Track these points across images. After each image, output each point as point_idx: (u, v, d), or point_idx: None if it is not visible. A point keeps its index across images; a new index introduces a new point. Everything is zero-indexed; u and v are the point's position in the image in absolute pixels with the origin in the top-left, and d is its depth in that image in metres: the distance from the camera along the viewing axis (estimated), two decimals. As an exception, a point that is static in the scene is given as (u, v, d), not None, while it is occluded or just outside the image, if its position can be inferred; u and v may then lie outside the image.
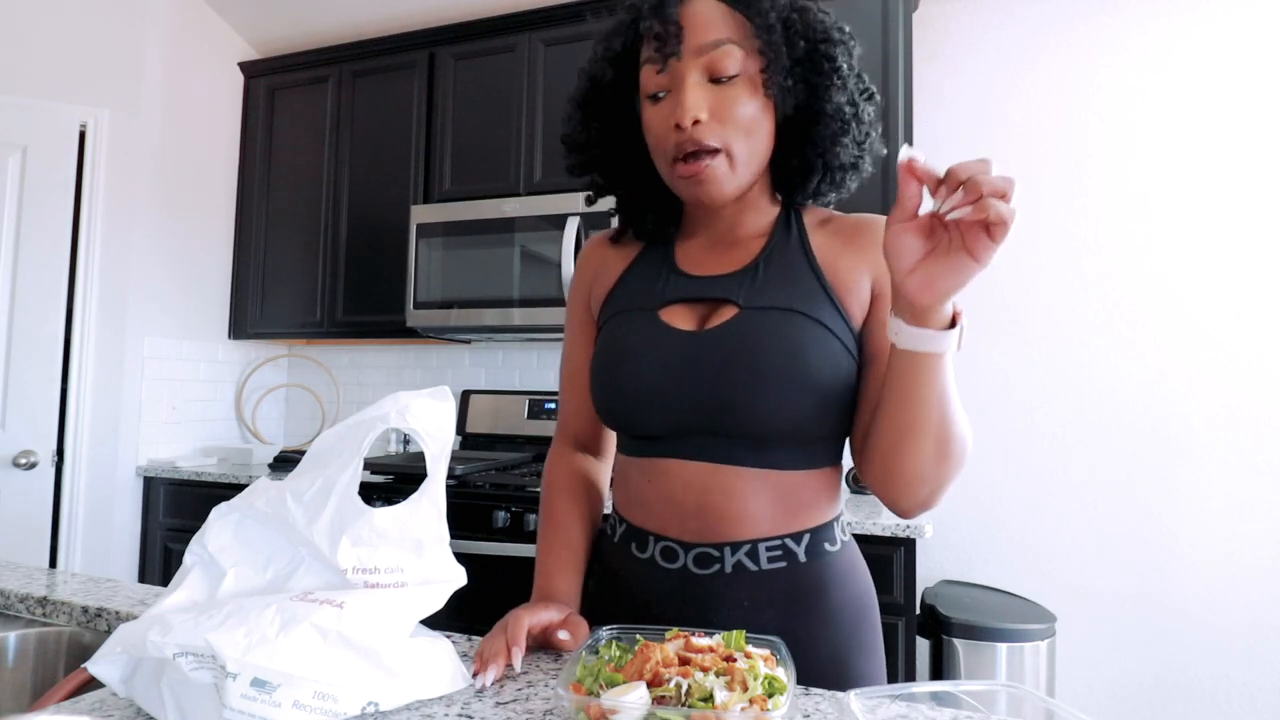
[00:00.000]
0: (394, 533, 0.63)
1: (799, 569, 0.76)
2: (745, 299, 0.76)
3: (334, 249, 2.70)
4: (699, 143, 0.73)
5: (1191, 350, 2.10)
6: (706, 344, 0.76)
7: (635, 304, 0.83)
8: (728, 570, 0.76)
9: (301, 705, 0.53)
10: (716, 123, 0.73)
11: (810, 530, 0.77)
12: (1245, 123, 2.09)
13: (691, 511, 0.77)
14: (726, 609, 0.75)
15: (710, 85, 0.73)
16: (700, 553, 0.76)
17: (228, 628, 0.53)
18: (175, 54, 2.64)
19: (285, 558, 0.64)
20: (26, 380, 2.26)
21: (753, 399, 0.73)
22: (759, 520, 0.76)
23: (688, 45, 0.73)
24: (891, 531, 1.70)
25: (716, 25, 0.73)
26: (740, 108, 0.73)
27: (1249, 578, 2.01)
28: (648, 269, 0.85)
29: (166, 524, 2.50)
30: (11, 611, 0.98)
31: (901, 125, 2.05)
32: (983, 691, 0.62)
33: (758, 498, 0.75)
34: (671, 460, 0.78)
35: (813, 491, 0.78)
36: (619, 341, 0.81)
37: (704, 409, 0.75)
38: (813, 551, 0.77)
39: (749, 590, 0.75)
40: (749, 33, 0.73)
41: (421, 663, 0.61)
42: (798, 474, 0.76)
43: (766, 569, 0.76)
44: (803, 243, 0.80)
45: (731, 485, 0.75)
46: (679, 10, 0.74)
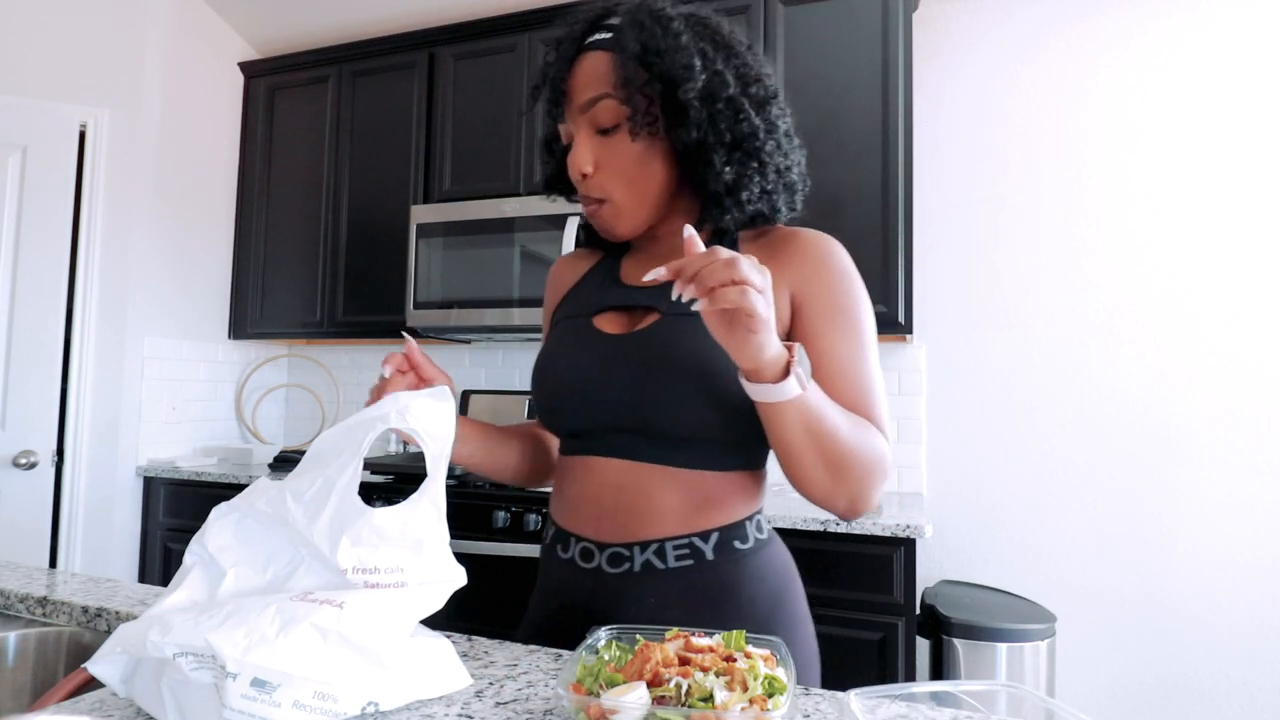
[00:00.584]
0: (394, 533, 0.63)
1: (706, 567, 0.79)
2: (668, 307, 0.80)
3: (334, 249, 2.70)
4: (589, 196, 0.81)
5: (1191, 350, 2.10)
6: (627, 346, 0.80)
7: (576, 311, 0.89)
8: (636, 569, 0.79)
9: (301, 705, 0.53)
10: (601, 174, 0.80)
11: (719, 529, 0.80)
12: (1245, 122, 2.09)
13: (609, 509, 0.80)
14: (634, 607, 0.79)
15: (598, 136, 0.79)
16: (613, 552, 0.80)
17: (228, 628, 0.53)
18: (175, 54, 2.64)
19: (285, 558, 0.64)
20: (26, 380, 2.26)
21: (664, 399, 0.77)
22: (668, 518, 0.79)
23: (572, 105, 0.79)
24: (891, 531, 1.70)
25: (597, 80, 0.78)
26: (619, 156, 0.79)
27: (1249, 577, 2.01)
28: (594, 281, 0.91)
29: (166, 524, 2.50)
30: (11, 611, 0.98)
31: (901, 126, 2.05)
32: (983, 691, 0.62)
33: (669, 495, 0.79)
34: (594, 457, 0.82)
35: (724, 492, 0.80)
36: (554, 345, 0.88)
37: (622, 407, 0.79)
38: (721, 550, 0.80)
39: (656, 588, 0.79)
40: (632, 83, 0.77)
41: (421, 662, 0.61)
42: (710, 474, 0.80)
43: (673, 567, 0.79)
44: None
45: (645, 482, 0.79)
46: (568, 72, 0.80)
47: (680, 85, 0.76)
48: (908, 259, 2.04)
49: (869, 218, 2.06)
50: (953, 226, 2.33)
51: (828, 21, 2.14)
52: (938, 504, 2.28)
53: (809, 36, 2.16)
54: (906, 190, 2.04)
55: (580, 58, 0.79)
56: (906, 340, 2.27)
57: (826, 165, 2.12)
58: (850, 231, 2.08)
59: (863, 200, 2.08)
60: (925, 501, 2.23)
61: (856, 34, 2.11)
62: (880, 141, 2.06)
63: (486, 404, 2.63)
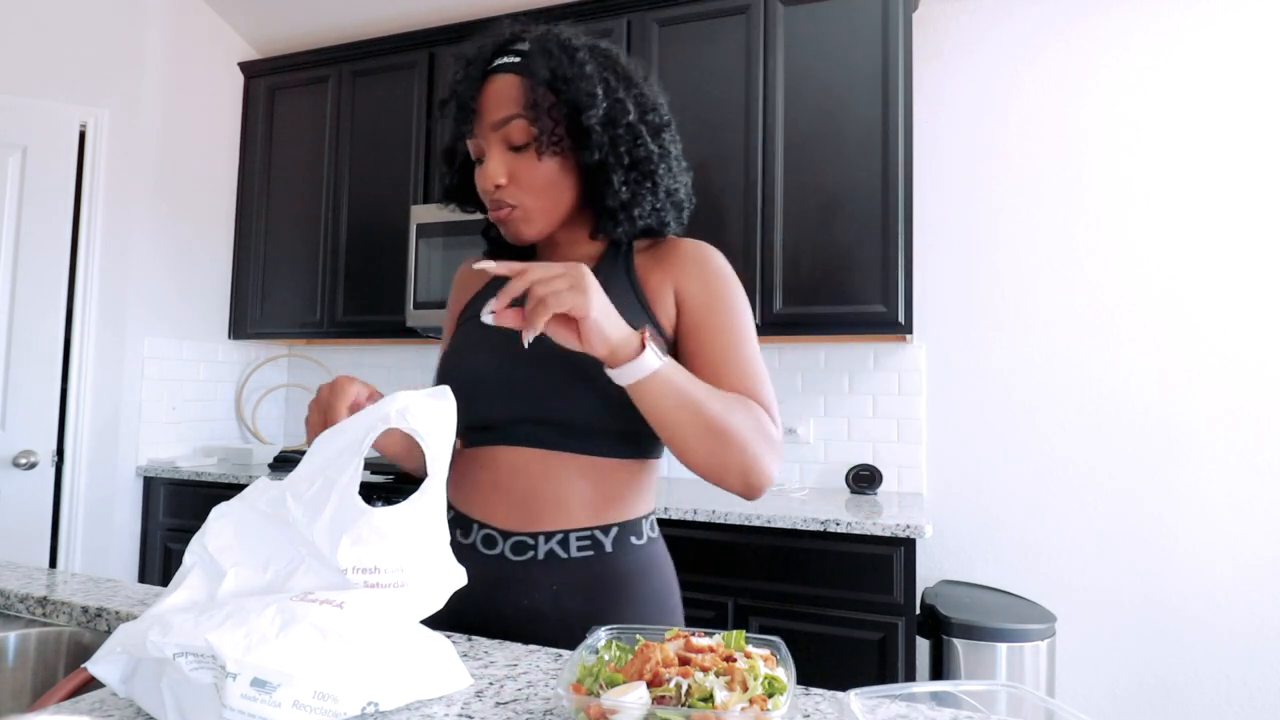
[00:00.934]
0: (394, 533, 0.63)
1: (605, 559, 0.86)
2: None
3: (334, 249, 2.70)
4: (501, 203, 0.87)
5: (1191, 350, 2.10)
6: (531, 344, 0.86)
7: (477, 312, 0.95)
8: (540, 558, 0.85)
9: (301, 705, 0.53)
10: (513, 185, 0.86)
11: (619, 524, 0.87)
12: (1245, 122, 2.09)
13: (517, 497, 0.86)
14: (537, 593, 0.84)
15: (510, 152, 0.85)
16: (517, 541, 0.85)
17: (228, 628, 0.53)
18: (175, 54, 2.64)
19: (285, 558, 0.64)
20: (26, 380, 2.26)
21: (560, 390, 0.84)
22: (574, 508, 0.85)
23: (483, 122, 0.85)
24: (891, 531, 1.70)
25: (508, 101, 0.84)
26: (530, 172, 0.85)
27: (1249, 577, 2.01)
28: (496, 287, 0.97)
29: (166, 524, 2.50)
30: (11, 611, 0.98)
31: (901, 126, 2.05)
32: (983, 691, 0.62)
33: (577, 483, 0.85)
34: (503, 447, 0.87)
35: (624, 483, 0.87)
36: (457, 343, 0.94)
37: (526, 398, 0.85)
38: (619, 544, 0.87)
39: (558, 576, 0.84)
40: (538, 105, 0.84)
41: (421, 662, 0.61)
42: (614, 462, 0.86)
43: (575, 557, 0.85)
44: (627, 265, 0.92)
45: (554, 469, 0.85)
46: (478, 90, 0.86)
47: (584, 111, 0.83)
48: (908, 259, 2.04)
49: (869, 218, 2.06)
50: (952, 226, 2.34)
51: (828, 21, 2.14)
52: (938, 504, 2.28)
53: (809, 36, 2.16)
54: (906, 190, 2.04)
55: (490, 78, 0.86)
56: (906, 340, 2.27)
57: (826, 165, 2.12)
58: (850, 231, 2.08)
59: (863, 200, 2.08)
60: (925, 501, 2.23)
61: (856, 34, 2.11)
62: (880, 141, 2.06)
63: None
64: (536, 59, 0.84)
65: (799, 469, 2.41)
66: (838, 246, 2.09)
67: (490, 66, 0.86)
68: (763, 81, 2.19)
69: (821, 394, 2.41)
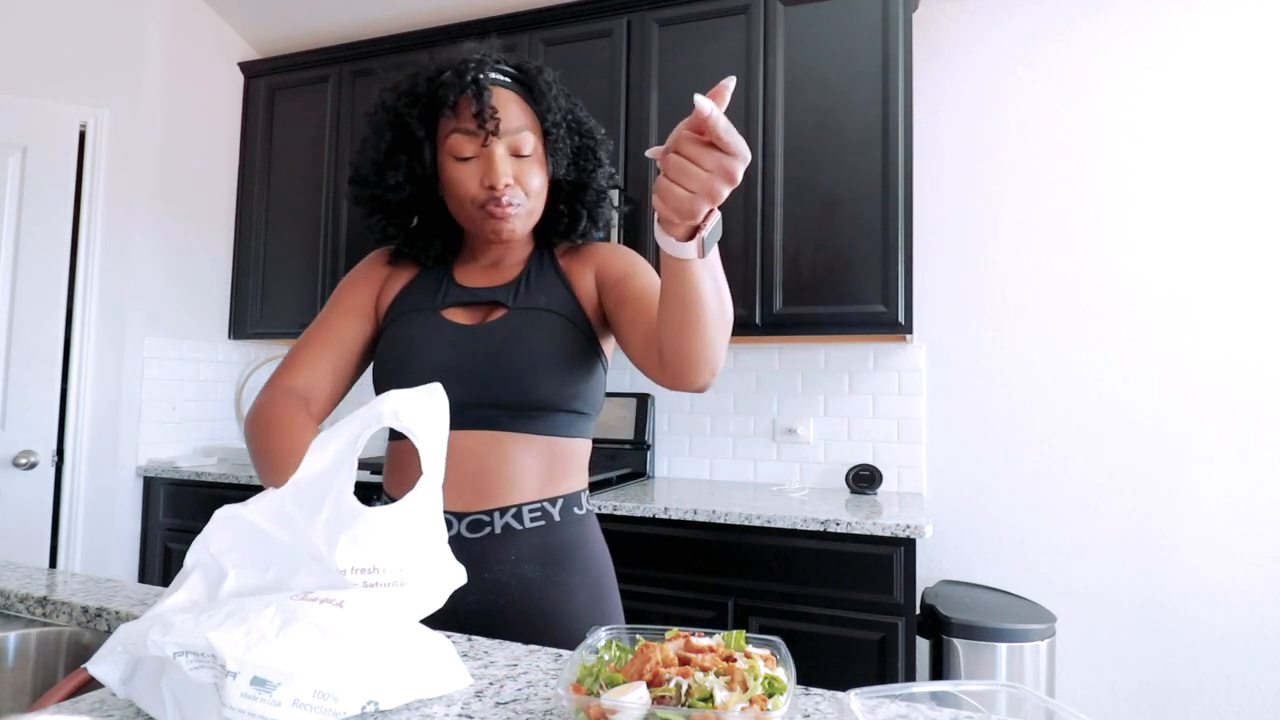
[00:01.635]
0: (391, 532, 0.63)
1: (555, 527, 0.95)
2: (513, 303, 0.98)
3: (334, 249, 2.70)
4: (508, 200, 0.94)
5: (1191, 350, 2.10)
6: (483, 334, 0.96)
7: (418, 306, 1.00)
8: (497, 532, 0.92)
9: (301, 704, 0.53)
10: (518, 186, 0.95)
11: (563, 497, 0.96)
12: (1245, 122, 2.09)
13: (470, 477, 0.92)
14: (497, 565, 0.91)
15: (511, 158, 0.95)
16: (473, 519, 0.92)
17: (228, 626, 0.53)
18: (175, 54, 2.64)
19: (286, 560, 0.64)
20: (26, 380, 2.26)
21: (521, 375, 0.92)
22: (525, 483, 0.93)
23: (502, 128, 0.93)
24: (891, 531, 1.71)
25: (517, 114, 0.95)
26: (532, 179, 0.96)
27: (1249, 578, 2.02)
28: (428, 283, 1.03)
29: (166, 524, 2.50)
30: (11, 611, 0.98)
31: (901, 126, 2.05)
32: (983, 691, 0.62)
33: (528, 460, 0.93)
34: (454, 433, 0.91)
35: (569, 459, 0.97)
36: (406, 334, 0.97)
37: (482, 385, 0.92)
38: (565, 514, 0.96)
39: (515, 547, 0.92)
40: (535, 123, 0.97)
41: (422, 661, 0.61)
42: (561, 440, 0.96)
43: (529, 528, 0.93)
44: (554, 264, 1.04)
45: (507, 449, 0.92)
46: (492, 98, 0.93)
47: (597, 145, 1.03)
48: (908, 259, 2.04)
49: (869, 218, 2.06)
50: (952, 226, 2.34)
51: (828, 21, 2.14)
52: (938, 504, 2.28)
53: (809, 36, 2.16)
54: (906, 190, 2.04)
55: (492, 88, 0.94)
56: (906, 340, 2.27)
57: (826, 165, 2.12)
58: (850, 231, 2.08)
59: (863, 200, 2.08)
60: (925, 501, 2.23)
61: (856, 34, 2.11)
62: (880, 141, 2.06)
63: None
64: (544, 88, 0.97)
65: (799, 469, 2.41)
66: (838, 246, 2.09)
67: (491, 78, 0.95)
68: (763, 81, 2.19)
69: (821, 394, 2.41)
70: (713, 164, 0.61)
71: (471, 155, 0.94)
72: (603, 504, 1.92)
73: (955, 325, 2.31)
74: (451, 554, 0.67)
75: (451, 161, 0.95)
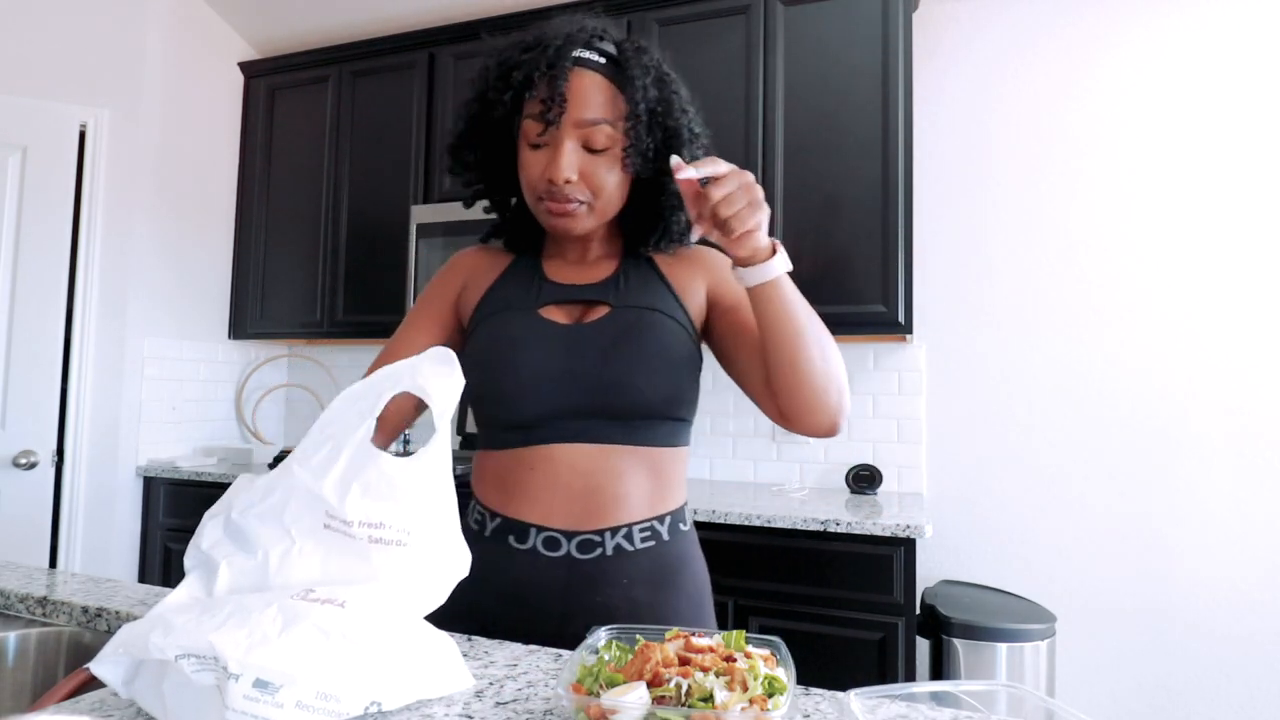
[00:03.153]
0: (404, 482, 0.64)
1: (664, 547, 0.89)
2: (615, 300, 0.91)
3: (334, 249, 2.70)
4: (568, 196, 0.86)
5: (1191, 350, 2.10)
6: (587, 335, 0.88)
7: (512, 305, 0.92)
8: (609, 553, 0.86)
9: (304, 705, 0.53)
10: (583, 183, 0.86)
11: (670, 513, 0.90)
12: (1243, 120, 2.09)
13: (579, 494, 0.86)
14: (609, 588, 0.86)
15: (582, 151, 0.86)
16: (583, 540, 0.86)
17: (229, 628, 0.53)
18: (175, 54, 2.64)
19: (278, 545, 0.64)
20: (26, 380, 2.26)
21: (627, 381, 0.85)
22: (635, 502, 0.87)
23: (568, 118, 0.84)
24: (891, 531, 1.71)
25: (596, 103, 0.85)
26: (603, 176, 0.86)
27: (1249, 578, 2.02)
28: (518, 279, 0.96)
29: (166, 524, 2.50)
30: (11, 611, 0.98)
31: (901, 125, 2.05)
32: (983, 691, 0.62)
33: (636, 476, 0.87)
34: (556, 445, 0.86)
35: (673, 472, 0.91)
36: (501, 335, 0.90)
37: (587, 391, 0.86)
38: (673, 532, 0.90)
39: (627, 569, 0.86)
40: (621, 114, 0.86)
41: (424, 661, 0.61)
42: (666, 451, 0.90)
43: (640, 548, 0.87)
44: (651, 263, 0.96)
45: (615, 465, 0.86)
46: (566, 83, 0.84)
47: (683, 143, 0.89)
48: (908, 259, 2.04)
49: (868, 218, 2.06)
50: (952, 226, 2.34)
51: (828, 21, 2.14)
52: (938, 504, 2.28)
53: (809, 36, 2.16)
54: (906, 190, 2.04)
55: (574, 70, 0.85)
56: (906, 340, 2.27)
57: (826, 165, 2.12)
58: (850, 231, 2.08)
59: (862, 200, 2.08)
60: (925, 501, 2.23)
61: (856, 34, 2.11)
62: (880, 141, 2.06)
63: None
64: (637, 74, 0.86)
65: (799, 469, 2.41)
66: (838, 246, 2.09)
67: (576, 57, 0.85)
68: (763, 81, 2.19)
69: (821, 394, 2.40)
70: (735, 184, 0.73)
71: (540, 143, 0.86)
72: (603, 504, 1.92)
73: (955, 325, 2.31)
74: (459, 523, 0.67)
75: (524, 146, 0.88)
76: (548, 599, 0.85)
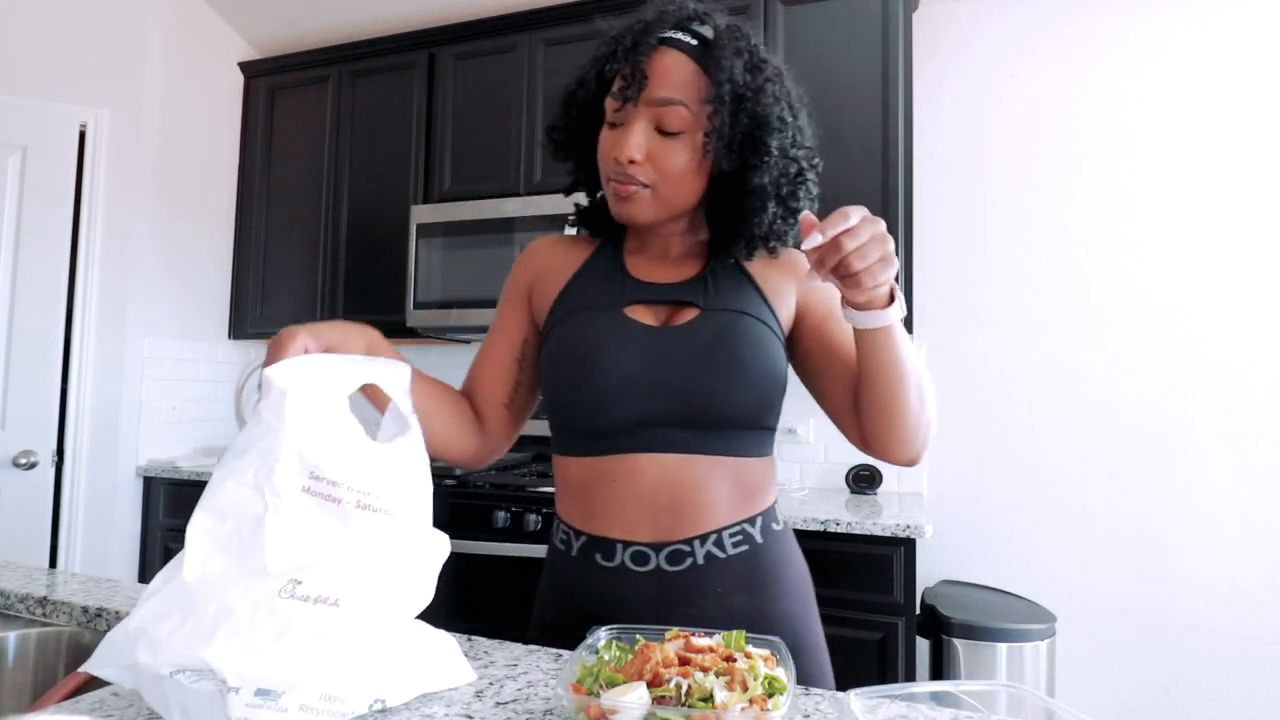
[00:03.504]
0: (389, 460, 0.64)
1: (758, 550, 0.84)
2: (705, 302, 0.85)
3: (334, 249, 2.70)
4: (630, 177, 0.82)
5: (1191, 350, 2.10)
6: (677, 338, 0.83)
7: (594, 303, 0.87)
8: (700, 562, 0.82)
9: (308, 708, 0.53)
10: (649, 165, 0.81)
11: (761, 514, 0.86)
12: (1244, 120, 2.09)
13: (664, 506, 0.81)
14: (703, 599, 0.81)
15: (654, 132, 0.81)
16: (672, 550, 0.81)
17: (220, 640, 0.52)
18: (175, 54, 2.64)
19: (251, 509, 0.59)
20: (26, 380, 2.26)
21: (718, 389, 0.81)
22: (722, 509, 0.83)
23: (644, 96, 0.80)
24: (891, 531, 1.71)
25: (676, 83, 0.80)
26: (673, 160, 0.81)
27: (1248, 578, 2.02)
28: (599, 275, 0.90)
29: (166, 524, 2.50)
30: (11, 611, 0.98)
31: (901, 125, 2.05)
32: (983, 691, 0.62)
33: (722, 486, 0.83)
34: (640, 455, 0.82)
35: (761, 477, 0.86)
36: (582, 336, 0.85)
37: (676, 397, 0.81)
38: (765, 533, 0.86)
39: (721, 577, 0.82)
40: (704, 96, 0.80)
41: (425, 656, 0.61)
42: (751, 460, 0.85)
43: (732, 554, 0.83)
44: (738, 263, 0.90)
45: (700, 476, 0.82)
46: (649, 60, 0.81)
47: (770, 133, 0.82)
48: (908, 259, 2.04)
49: (869, 218, 2.06)
50: (952, 226, 2.34)
51: (828, 21, 2.14)
52: (938, 504, 2.28)
53: (809, 36, 2.16)
54: (906, 190, 2.04)
55: (660, 49, 0.81)
56: (906, 340, 2.26)
57: (826, 165, 2.10)
58: (850, 231, 2.08)
59: (862, 200, 2.07)
60: (925, 501, 2.23)
61: (856, 34, 2.11)
62: (880, 141, 2.06)
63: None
64: (726, 56, 0.81)
65: (799, 469, 2.41)
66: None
67: (664, 36, 0.82)
68: (763, 81, 2.19)
69: (821, 394, 2.40)
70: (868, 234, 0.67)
71: (616, 120, 0.83)
72: (603, 504, 1.92)
73: (955, 325, 2.31)
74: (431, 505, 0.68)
75: (605, 126, 0.85)
76: (639, 615, 0.81)
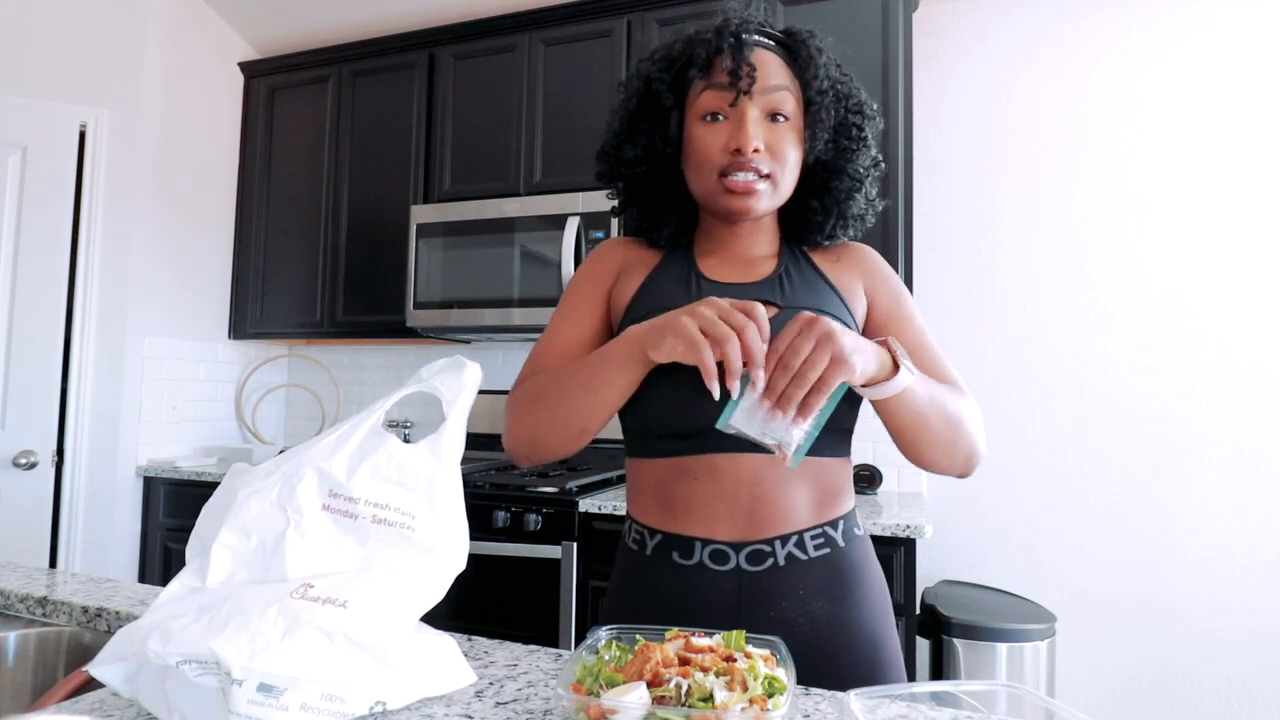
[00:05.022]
0: (413, 467, 0.64)
1: (840, 554, 0.84)
2: (784, 301, 0.86)
3: (334, 249, 2.70)
4: (755, 168, 0.83)
5: (1192, 350, 2.10)
6: None
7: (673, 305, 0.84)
8: (781, 563, 0.81)
9: (309, 707, 0.53)
10: (769, 154, 0.84)
11: (843, 517, 0.86)
12: (1245, 122, 2.09)
13: (744, 506, 0.81)
14: (784, 601, 0.80)
15: (766, 121, 0.84)
16: (752, 550, 0.81)
17: (230, 633, 0.53)
18: (175, 54, 2.64)
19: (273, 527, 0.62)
20: (26, 380, 2.26)
21: None
22: (803, 510, 0.82)
23: (758, 85, 0.83)
24: (891, 531, 1.70)
25: (778, 73, 0.85)
26: (788, 146, 0.85)
27: (1249, 578, 2.02)
28: (672, 277, 0.91)
29: (166, 524, 2.50)
30: (11, 611, 0.98)
31: (901, 126, 2.05)
32: (983, 691, 0.62)
33: (803, 486, 0.82)
34: (720, 455, 0.81)
35: (840, 479, 0.86)
36: None
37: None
38: (848, 538, 0.85)
39: (802, 580, 0.81)
40: (797, 87, 0.87)
41: (427, 660, 0.61)
42: (832, 460, 0.85)
43: (814, 557, 0.82)
44: (809, 261, 0.92)
45: (780, 475, 0.82)
46: (753, 53, 0.84)
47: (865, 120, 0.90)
48: (908, 259, 2.04)
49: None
50: (952, 227, 2.34)
51: (828, 21, 2.14)
52: (938, 504, 2.28)
53: (809, 37, 2.16)
54: (906, 191, 2.04)
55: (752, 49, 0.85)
56: (906, 340, 2.26)
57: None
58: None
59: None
60: (925, 501, 2.23)
61: (856, 34, 2.11)
62: (880, 142, 2.06)
63: (486, 404, 2.63)
64: (812, 51, 0.88)
65: (799, 469, 2.41)
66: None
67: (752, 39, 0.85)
68: (763, 82, 2.19)
69: (821, 394, 2.40)
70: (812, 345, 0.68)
71: (721, 114, 0.84)
72: (603, 504, 1.92)
73: (955, 325, 2.31)
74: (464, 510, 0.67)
75: (697, 123, 0.86)
76: (719, 616, 0.80)
